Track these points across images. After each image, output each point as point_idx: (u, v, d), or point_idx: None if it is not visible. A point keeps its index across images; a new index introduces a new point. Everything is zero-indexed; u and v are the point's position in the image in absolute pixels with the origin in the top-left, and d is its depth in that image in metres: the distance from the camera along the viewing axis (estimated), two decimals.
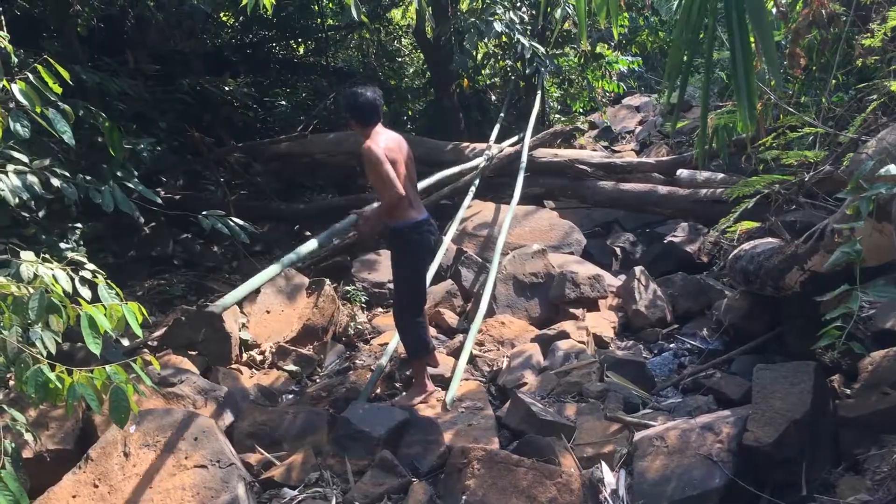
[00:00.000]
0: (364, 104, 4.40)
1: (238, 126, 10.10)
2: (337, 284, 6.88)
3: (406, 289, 4.73)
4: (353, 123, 4.47)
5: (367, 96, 4.41)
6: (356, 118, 4.44)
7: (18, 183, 3.73)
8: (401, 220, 4.55)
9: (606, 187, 8.24)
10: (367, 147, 4.33)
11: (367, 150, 4.31)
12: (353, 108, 4.42)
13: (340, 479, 4.04)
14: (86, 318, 3.08)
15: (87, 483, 3.49)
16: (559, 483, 3.43)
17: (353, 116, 4.44)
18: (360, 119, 4.44)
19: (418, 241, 4.63)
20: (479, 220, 7.87)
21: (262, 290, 6.50)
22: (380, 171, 4.30)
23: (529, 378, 4.92)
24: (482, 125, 11.03)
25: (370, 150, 4.31)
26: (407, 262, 4.66)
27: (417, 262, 4.71)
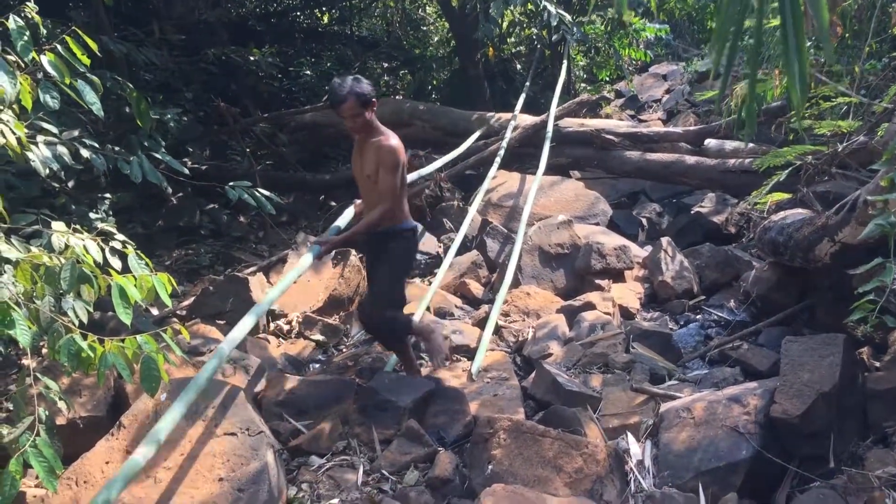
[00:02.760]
0: (371, 88, 4.13)
1: (263, 96, 10.11)
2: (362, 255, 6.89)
3: (396, 289, 4.50)
4: (364, 111, 4.10)
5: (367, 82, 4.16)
6: (366, 102, 4.08)
7: (48, 154, 3.76)
8: (404, 222, 4.40)
9: (633, 157, 8.16)
10: (397, 146, 4.15)
11: (397, 149, 4.15)
12: (364, 94, 4.06)
13: (367, 448, 4.08)
14: (116, 289, 3.11)
15: (120, 450, 3.55)
16: (585, 453, 3.44)
17: (366, 102, 4.08)
18: (370, 103, 4.12)
19: (416, 245, 4.64)
20: (505, 190, 7.84)
21: (288, 260, 6.55)
22: (396, 176, 4.15)
23: (555, 349, 4.92)
24: (507, 95, 10.97)
25: (399, 150, 4.15)
26: (403, 264, 4.54)
27: (411, 265, 4.81)
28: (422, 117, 9.47)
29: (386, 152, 4.12)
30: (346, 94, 4.02)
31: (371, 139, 4.17)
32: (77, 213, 5.33)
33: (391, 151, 4.12)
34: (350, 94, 4.02)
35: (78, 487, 3.41)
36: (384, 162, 4.12)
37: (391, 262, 4.39)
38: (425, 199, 8.09)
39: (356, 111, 4.07)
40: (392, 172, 4.12)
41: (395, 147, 4.13)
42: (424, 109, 9.61)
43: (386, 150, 4.12)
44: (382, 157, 4.12)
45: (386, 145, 4.12)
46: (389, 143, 4.13)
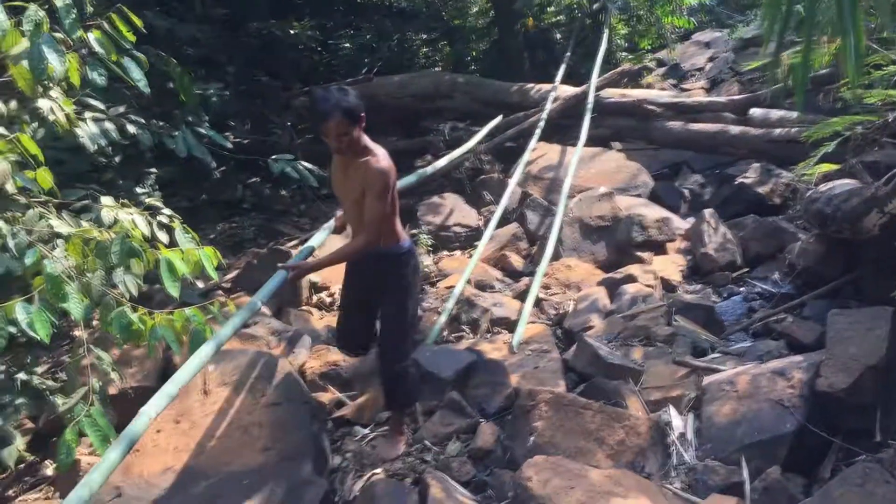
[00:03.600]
0: (359, 101, 3.40)
1: (303, 70, 10.14)
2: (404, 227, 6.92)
3: (412, 321, 3.90)
4: (352, 128, 3.36)
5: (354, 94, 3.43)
6: (355, 118, 3.36)
7: (96, 130, 3.84)
8: (400, 242, 3.76)
9: (675, 127, 8.06)
10: (387, 168, 3.45)
11: (388, 171, 3.45)
12: (350, 109, 3.33)
13: (410, 419, 4.13)
14: (164, 263, 3.18)
15: (170, 419, 3.65)
16: (627, 426, 3.45)
17: (352, 117, 3.34)
18: (359, 119, 3.39)
19: (419, 266, 4.06)
20: (545, 162, 7.80)
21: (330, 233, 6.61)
22: (385, 202, 3.49)
23: (596, 321, 4.91)
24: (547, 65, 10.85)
25: (390, 172, 3.47)
26: (413, 287, 3.88)
27: (418, 289, 4.07)
28: (461, 89, 9.43)
29: (375, 176, 3.43)
30: (330, 110, 3.30)
31: (359, 159, 3.47)
32: (124, 188, 5.43)
33: (381, 175, 3.43)
34: (336, 109, 3.30)
35: (130, 455, 3.50)
36: (372, 187, 3.44)
37: (397, 288, 3.76)
38: (465, 172, 8.08)
39: (343, 129, 3.34)
40: (381, 199, 3.46)
41: (386, 170, 3.45)
42: (464, 81, 9.57)
43: (375, 174, 3.43)
44: (371, 182, 3.44)
45: (375, 168, 3.43)
46: (379, 166, 3.44)
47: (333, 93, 3.36)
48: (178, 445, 3.52)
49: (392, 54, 11.30)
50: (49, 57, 2.98)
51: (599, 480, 3.04)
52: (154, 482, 3.40)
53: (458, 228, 7.11)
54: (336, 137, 3.38)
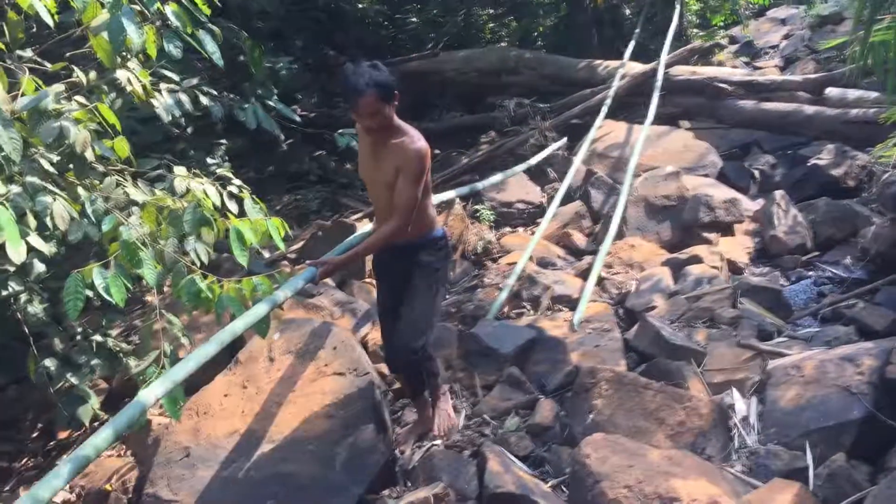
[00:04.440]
0: (392, 77, 3.20)
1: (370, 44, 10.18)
2: (466, 203, 6.95)
3: (432, 313, 3.55)
4: (386, 105, 3.16)
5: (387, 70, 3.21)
6: (389, 96, 3.16)
7: (170, 101, 3.92)
8: (434, 230, 3.54)
9: (747, 107, 7.87)
10: (423, 149, 3.22)
11: (425, 153, 3.23)
12: (384, 84, 3.13)
13: (469, 393, 4.18)
14: (234, 232, 3.25)
15: (237, 384, 3.75)
16: (688, 407, 3.43)
17: (386, 94, 3.14)
18: (393, 97, 3.19)
19: (450, 257, 3.86)
20: (611, 140, 7.71)
21: None
22: (420, 186, 3.26)
23: (659, 302, 4.87)
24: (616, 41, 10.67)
25: (426, 154, 3.24)
26: (440, 280, 3.60)
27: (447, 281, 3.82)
28: (528, 65, 9.36)
29: (411, 157, 3.21)
30: (363, 86, 3.09)
31: (392, 140, 3.26)
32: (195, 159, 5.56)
33: (417, 157, 3.21)
34: (369, 85, 3.09)
35: (198, 417, 3.63)
36: (408, 169, 3.22)
37: (426, 278, 3.50)
38: (529, 149, 8.04)
39: (376, 107, 3.13)
40: (416, 183, 3.24)
41: (422, 151, 3.22)
42: (531, 57, 9.49)
43: (411, 156, 3.21)
44: (406, 164, 3.22)
45: (411, 149, 3.21)
46: (416, 147, 3.21)
47: (366, 68, 3.13)
48: (245, 410, 3.62)
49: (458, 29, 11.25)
50: (128, 29, 3.05)
51: (658, 460, 3.03)
52: (221, 444, 3.51)
53: (520, 205, 7.09)
54: (369, 116, 3.17)
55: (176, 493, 3.40)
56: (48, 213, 2.90)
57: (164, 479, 3.46)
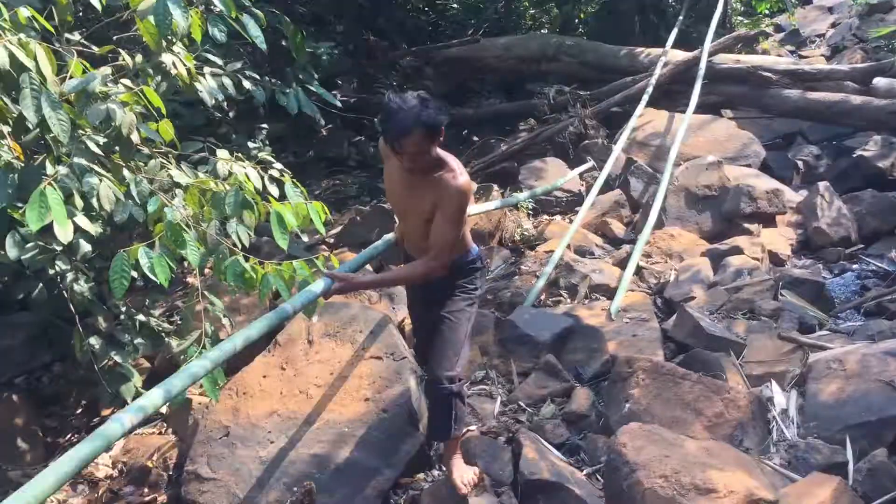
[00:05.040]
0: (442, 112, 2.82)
1: (410, 30, 10.18)
2: (504, 190, 6.94)
3: (468, 336, 3.28)
4: (429, 146, 2.83)
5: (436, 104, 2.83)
6: (436, 135, 2.83)
7: (214, 85, 3.96)
8: (469, 250, 3.27)
9: (792, 96, 7.74)
10: (466, 186, 2.92)
11: (467, 189, 2.93)
12: (433, 125, 2.78)
13: (505, 380, 4.18)
14: (275, 215, 3.28)
15: (276, 366, 3.80)
16: (726, 399, 3.40)
17: (433, 134, 2.81)
18: (440, 135, 2.85)
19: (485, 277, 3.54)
20: (651, 129, 7.63)
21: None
22: (460, 225, 3.03)
23: (698, 292, 4.82)
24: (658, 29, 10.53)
25: (469, 190, 2.96)
26: (477, 299, 3.37)
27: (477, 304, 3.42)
28: (568, 52, 9.29)
29: (452, 196, 2.89)
30: (409, 126, 2.74)
31: (433, 174, 2.94)
32: (237, 142, 5.61)
33: (459, 194, 2.90)
34: (416, 125, 2.74)
35: (238, 398, 3.68)
36: (448, 208, 2.91)
37: (462, 303, 3.25)
38: (568, 137, 7.99)
39: (421, 148, 2.80)
40: (456, 222, 2.96)
41: (464, 189, 2.91)
42: (572, 44, 9.41)
43: (452, 193, 2.89)
44: (447, 202, 2.91)
45: (453, 186, 2.88)
46: (457, 184, 2.89)
47: (413, 103, 2.74)
48: (283, 391, 3.67)
49: (499, 16, 11.19)
50: (174, 13, 3.09)
51: (695, 451, 3.01)
52: (259, 424, 3.56)
53: (559, 193, 7.05)
54: (411, 157, 2.82)
55: (215, 472, 3.46)
56: (95, 193, 2.95)
57: (203, 457, 3.52)
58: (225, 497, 3.37)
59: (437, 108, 2.78)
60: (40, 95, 2.73)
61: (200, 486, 3.44)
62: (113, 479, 3.85)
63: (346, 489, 3.33)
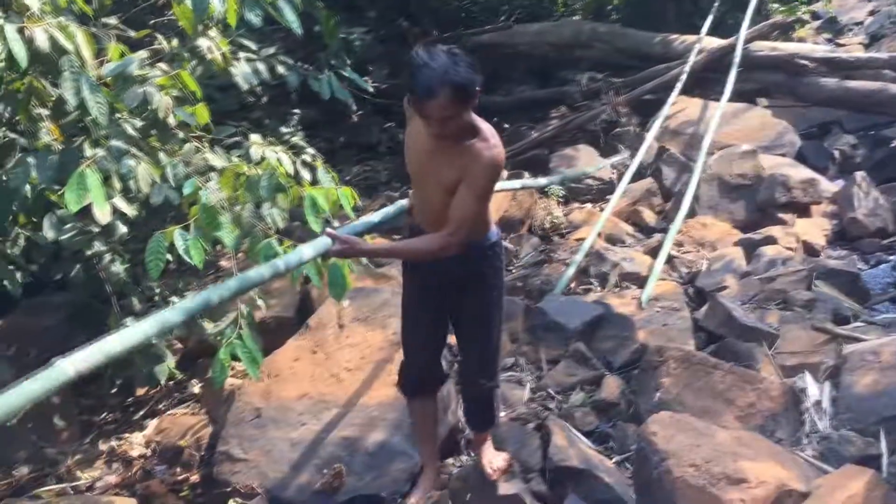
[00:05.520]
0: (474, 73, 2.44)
1: (442, 16, 10.14)
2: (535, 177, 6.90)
3: (499, 323, 3.09)
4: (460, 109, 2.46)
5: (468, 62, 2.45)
6: (468, 97, 2.45)
7: (248, 69, 3.99)
8: (490, 231, 2.91)
9: (829, 85, 7.60)
10: (499, 156, 2.61)
11: (500, 160, 2.62)
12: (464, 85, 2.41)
13: (534, 367, 4.18)
14: (308, 200, 3.31)
15: (307, 349, 3.84)
16: (758, 389, 3.37)
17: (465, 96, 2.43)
18: (473, 98, 2.48)
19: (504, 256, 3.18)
20: (685, 117, 7.55)
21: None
22: (488, 199, 2.74)
23: (730, 282, 4.78)
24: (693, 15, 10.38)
25: (502, 161, 2.64)
26: (503, 286, 3.07)
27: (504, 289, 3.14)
28: (602, 39, 9.20)
29: (483, 167, 2.56)
30: (437, 85, 2.38)
31: (463, 141, 2.59)
32: (269, 127, 5.64)
33: (491, 166, 2.58)
34: (445, 84, 2.38)
35: (270, 380, 3.73)
36: (476, 180, 2.58)
37: (491, 295, 2.97)
38: (600, 125, 7.94)
39: (451, 111, 2.44)
40: (483, 198, 2.66)
41: (498, 160, 2.59)
42: (605, 31, 9.33)
43: (484, 164, 2.55)
44: (476, 173, 2.56)
45: (486, 157, 2.55)
46: (491, 154, 2.56)
47: (443, 59, 2.40)
48: (314, 374, 3.70)
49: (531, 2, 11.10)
50: None
51: (726, 441, 2.99)
52: (290, 406, 3.60)
53: (590, 181, 7.02)
54: (439, 121, 2.47)
55: (246, 452, 3.51)
56: (132, 176, 2.99)
57: (235, 438, 3.57)
58: (256, 478, 3.42)
59: (469, 66, 2.42)
60: (80, 78, 2.77)
61: (232, 466, 3.49)
62: (146, 458, 3.92)
63: (375, 472, 3.36)
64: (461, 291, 2.92)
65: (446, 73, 2.37)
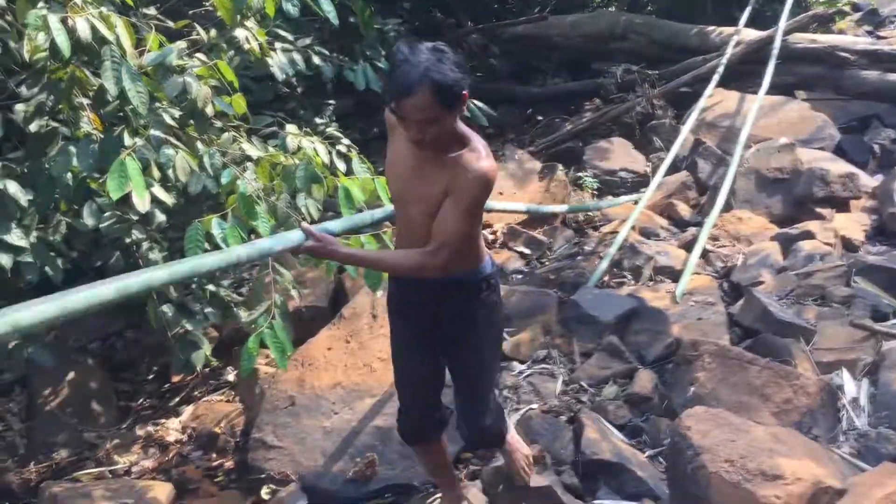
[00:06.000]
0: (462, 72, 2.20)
1: (476, 7, 10.11)
2: (568, 170, 6.88)
3: (497, 361, 2.95)
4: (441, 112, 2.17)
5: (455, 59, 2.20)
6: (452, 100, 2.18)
7: (285, 60, 4.02)
8: (484, 262, 2.60)
9: (870, 77, 7.47)
10: (491, 171, 2.30)
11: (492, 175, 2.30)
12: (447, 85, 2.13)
13: (567, 359, 4.17)
14: (343, 190, 3.33)
15: (340, 339, 3.86)
16: (795, 385, 3.34)
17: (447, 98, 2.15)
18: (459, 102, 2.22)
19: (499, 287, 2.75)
20: (721, 110, 7.46)
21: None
22: (476, 217, 2.42)
23: (766, 277, 4.72)
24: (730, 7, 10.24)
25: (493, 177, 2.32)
26: (499, 325, 2.86)
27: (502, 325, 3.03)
28: (637, 31, 9.11)
29: (471, 181, 2.26)
30: (414, 81, 2.11)
31: (448, 151, 2.31)
32: (305, 118, 5.67)
33: (480, 182, 2.27)
34: (423, 81, 2.11)
35: (303, 368, 3.77)
36: (463, 196, 2.27)
37: (486, 331, 2.68)
38: (635, 117, 7.88)
39: (429, 114, 2.16)
40: (470, 215, 2.33)
41: (488, 175, 2.28)
42: (641, 23, 9.24)
43: (472, 177, 2.25)
44: (463, 188, 2.27)
45: (474, 170, 2.25)
46: (479, 167, 2.26)
47: (425, 55, 2.15)
48: (347, 363, 3.73)
49: None
50: None
51: (762, 437, 2.96)
52: (324, 395, 3.63)
53: (624, 174, 6.97)
54: (418, 124, 2.18)
55: (280, 440, 3.55)
56: (171, 165, 3.03)
57: (269, 425, 3.61)
58: (290, 465, 3.46)
59: (455, 65, 2.16)
60: (121, 68, 2.81)
61: (266, 453, 3.53)
62: (182, 444, 3.98)
63: (408, 461, 3.38)
64: (452, 331, 2.63)
65: (427, 70, 2.11)
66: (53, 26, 2.66)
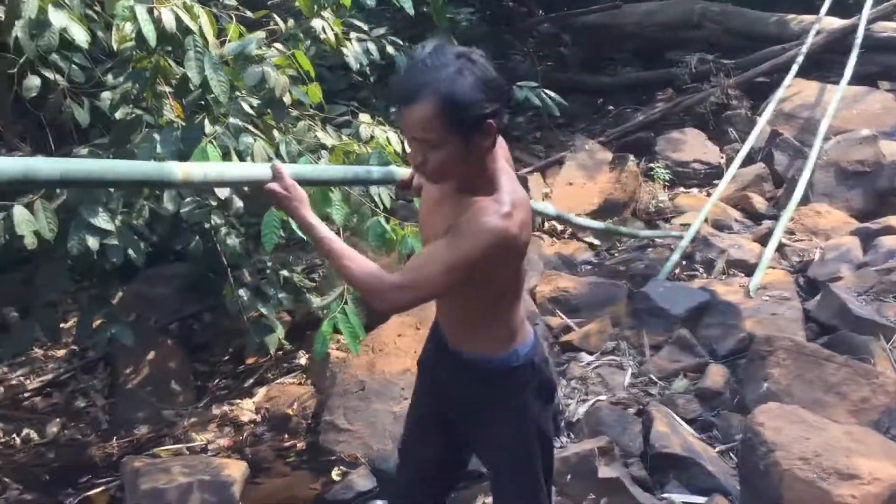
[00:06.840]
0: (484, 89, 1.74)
1: None
2: (640, 161, 6.80)
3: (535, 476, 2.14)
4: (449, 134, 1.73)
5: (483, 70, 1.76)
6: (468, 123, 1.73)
7: (359, 50, 4.06)
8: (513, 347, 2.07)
9: None
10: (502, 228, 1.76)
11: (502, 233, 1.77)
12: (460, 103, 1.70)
13: (636, 351, 4.14)
14: None
15: (411, 325, 3.91)
16: (874, 383, 3.26)
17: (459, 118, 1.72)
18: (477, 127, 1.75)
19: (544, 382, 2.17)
20: (800, 100, 7.25)
21: (565, 162, 6.62)
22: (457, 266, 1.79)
23: (845, 272, 4.60)
24: None
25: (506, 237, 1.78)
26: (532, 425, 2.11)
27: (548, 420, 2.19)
28: (713, 19, 8.92)
29: (473, 233, 1.76)
30: (416, 90, 1.72)
31: (466, 194, 1.86)
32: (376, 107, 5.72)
33: (481, 237, 1.75)
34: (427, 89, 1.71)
35: (374, 354, 3.83)
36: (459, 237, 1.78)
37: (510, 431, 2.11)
38: (709, 107, 7.72)
39: (432, 131, 1.74)
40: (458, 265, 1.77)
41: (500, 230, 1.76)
42: (717, 10, 9.04)
43: (476, 232, 1.76)
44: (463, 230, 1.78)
45: (482, 223, 1.76)
46: (492, 220, 1.76)
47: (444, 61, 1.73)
48: (417, 350, 3.73)
49: None
50: None
51: (838, 435, 2.90)
52: (393, 381, 3.69)
53: (697, 165, 6.85)
54: (416, 143, 1.79)
55: (351, 423, 3.62)
56: (249, 152, 3.10)
57: (340, 408, 3.68)
58: (360, 448, 3.53)
59: (480, 83, 1.72)
60: (203, 57, 2.88)
61: (337, 436, 3.61)
62: (255, 424, 4.08)
63: None
64: (471, 418, 2.16)
65: (438, 80, 1.70)
66: (141, 16, 2.74)
